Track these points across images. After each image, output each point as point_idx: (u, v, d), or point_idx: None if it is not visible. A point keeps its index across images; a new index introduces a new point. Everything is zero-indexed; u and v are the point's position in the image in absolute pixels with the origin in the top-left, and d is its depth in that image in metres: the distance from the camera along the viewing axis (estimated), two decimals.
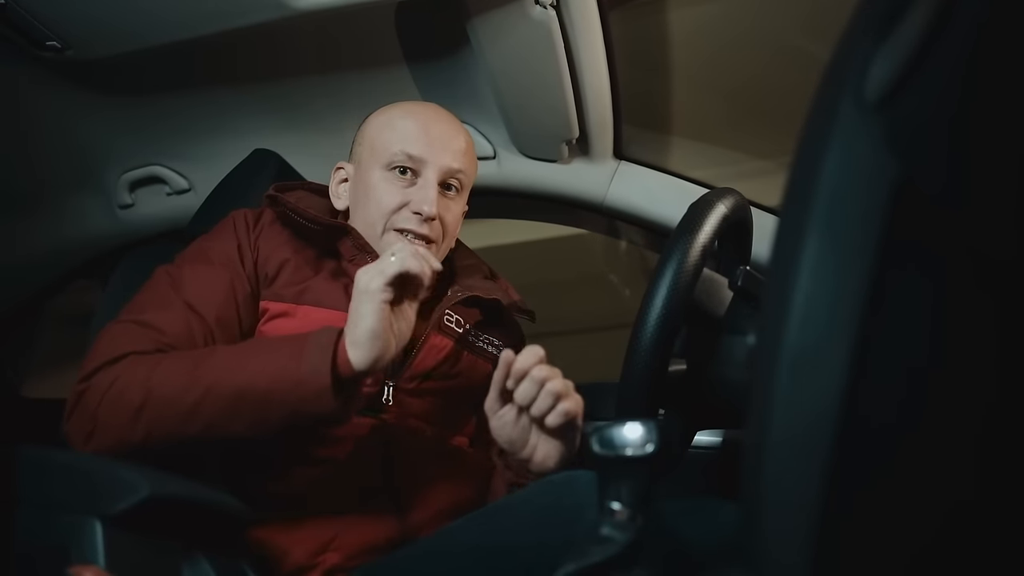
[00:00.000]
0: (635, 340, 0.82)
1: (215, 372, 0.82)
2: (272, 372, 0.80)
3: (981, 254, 0.38)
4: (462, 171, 1.01)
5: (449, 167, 0.99)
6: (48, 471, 0.77)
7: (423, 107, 1.06)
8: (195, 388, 0.81)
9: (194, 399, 0.80)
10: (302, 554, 0.89)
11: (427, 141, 0.99)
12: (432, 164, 0.98)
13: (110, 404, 0.82)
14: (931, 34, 0.36)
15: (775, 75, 1.45)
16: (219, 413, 0.81)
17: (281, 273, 0.98)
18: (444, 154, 0.99)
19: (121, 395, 0.82)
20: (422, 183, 0.98)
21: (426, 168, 0.98)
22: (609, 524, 0.52)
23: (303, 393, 0.79)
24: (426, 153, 0.98)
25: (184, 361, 0.84)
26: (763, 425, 0.38)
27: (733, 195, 0.94)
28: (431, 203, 0.96)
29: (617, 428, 0.53)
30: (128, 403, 0.81)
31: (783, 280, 0.38)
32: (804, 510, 0.37)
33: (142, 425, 0.81)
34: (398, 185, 0.99)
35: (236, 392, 0.80)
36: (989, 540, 0.39)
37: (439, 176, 0.98)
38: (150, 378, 0.82)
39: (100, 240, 1.69)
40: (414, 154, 0.98)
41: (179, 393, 0.81)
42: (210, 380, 0.81)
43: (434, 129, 1.00)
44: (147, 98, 1.44)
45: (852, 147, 0.37)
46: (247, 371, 0.81)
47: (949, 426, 0.38)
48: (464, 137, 1.04)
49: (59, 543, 0.71)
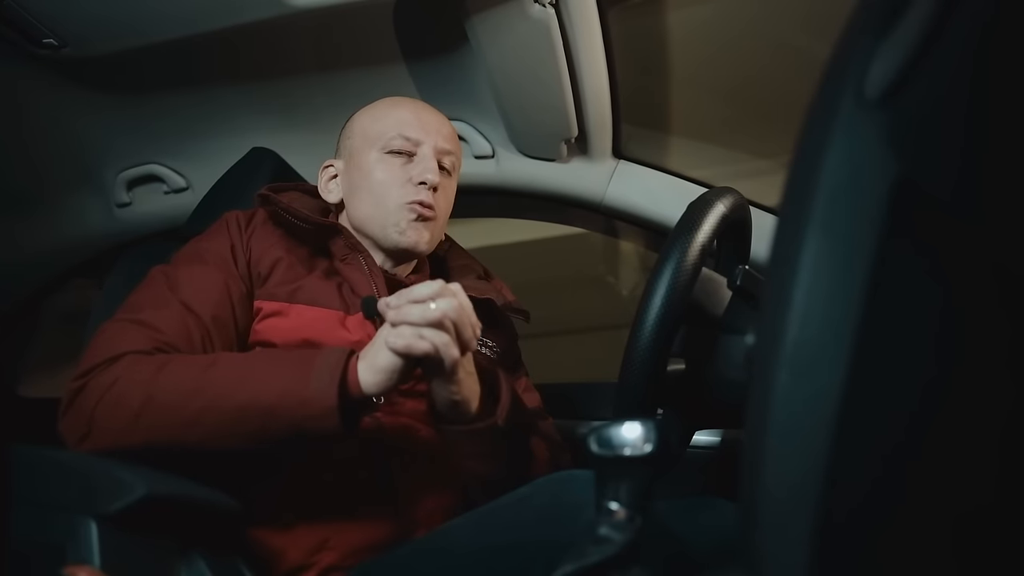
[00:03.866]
0: (633, 339, 0.81)
1: (220, 383, 0.80)
2: (278, 387, 0.79)
3: (987, 253, 0.38)
4: (452, 153, 1.06)
5: (443, 147, 1.04)
6: (44, 470, 0.77)
7: (409, 99, 1.10)
8: (198, 397, 0.79)
9: (197, 408, 0.79)
10: (298, 553, 0.89)
11: (420, 124, 1.04)
12: (427, 142, 1.03)
13: (109, 406, 0.81)
14: (932, 31, 0.36)
15: (774, 74, 1.45)
16: (221, 424, 0.80)
17: (274, 272, 0.98)
18: (437, 135, 1.04)
19: (121, 398, 0.80)
20: (420, 157, 1.02)
21: (422, 146, 1.03)
22: (607, 524, 0.52)
23: (308, 411, 0.78)
24: (421, 134, 1.03)
25: (188, 368, 0.82)
26: (761, 423, 0.38)
27: (732, 194, 0.94)
28: (434, 171, 1.01)
29: (615, 428, 0.52)
30: (127, 407, 0.80)
31: (782, 277, 0.37)
32: (803, 509, 0.36)
33: (141, 430, 0.80)
34: (396, 164, 1.02)
35: (240, 405, 0.79)
36: (992, 541, 0.39)
37: (435, 154, 1.03)
38: (152, 383, 0.81)
39: (97, 239, 1.69)
40: (410, 136, 1.02)
41: (182, 401, 0.79)
42: (214, 390, 0.80)
43: (424, 115, 1.05)
44: (145, 96, 1.44)
45: (852, 144, 0.36)
46: (253, 384, 0.80)
47: (952, 426, 0.38)
48: (450, 125, 1.09)
49: (55, 542, 0.70)
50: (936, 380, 0.38)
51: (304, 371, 0.79)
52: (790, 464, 0.37)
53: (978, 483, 0.39)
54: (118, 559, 0.70)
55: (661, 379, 0.83)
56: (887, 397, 0.37)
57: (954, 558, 0.39)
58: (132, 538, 0.72)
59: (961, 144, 0.37)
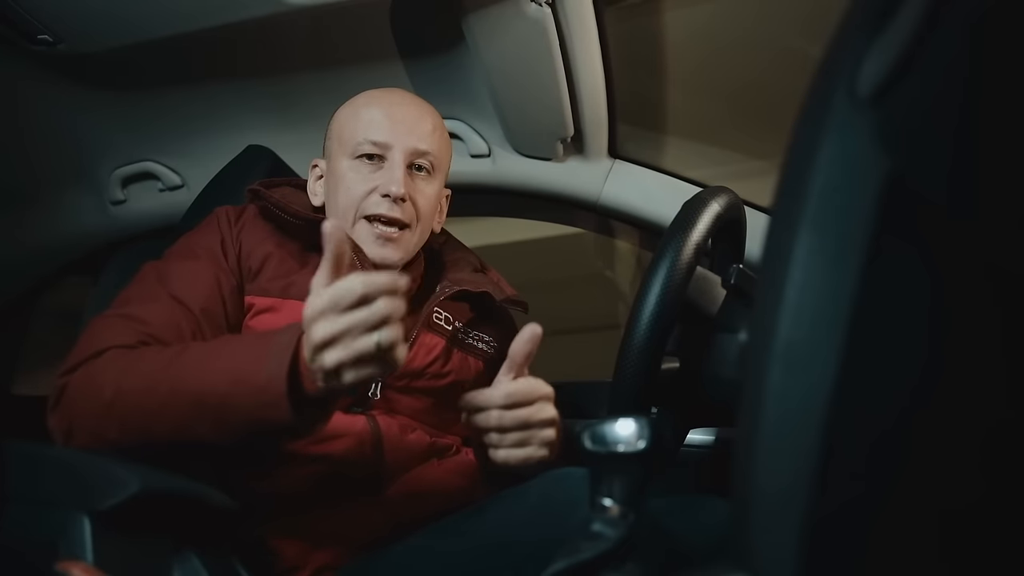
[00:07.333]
0: (628, 338, 0.82)
1: (181, 371, 0.77)
2: (232, 374, 0.74)
3: (979, 250, 0.38)
4: (430, 152, 1.00)
5: (415, 148, 0.99)
6: (37, 466, 0.76)
7: (387, 93, 1.05)
8: (160, 387, 0.76)
9: (161, 397, 0.76)
10: (292, 551, 0.89)
11: (390, 126, 0.98)
12: (397, 147, 0.98)
13: (84, 399, 0.80)
14: (924, 30, 0.36)
15: (770, 75, 1.45)
16: (182, 415, 0.76)
17: (265, 268, 0.98)
18: (409, 137, 0.98)
19: (94, 390, 0.79)
20: (388, 166, 0.98)
21: (391, 151, 0.98)
22: (601, 521, 0.52)
23: (262, 400, 0.72)
24: (390, 137, 0.98)
25: (158, 357, 0.80)
26: (754, 419, 0.38)
27: (727, 193, 0.94)
28: (398, 183, 0.96)
29: (609, 424, 0.52)
30: (99, 398, 0.78)
31: (775, 274, 0.38)
32: (794, 505, 0.37)
33: (114, 421, 0.78)
34: (365, 172, 0.98)
35: (197, 393, 0.75)
36: (981, 538, 0.39)
37: (406, 158, 0.98)
38: (123, 373, 0.79)
39: (92, 236, 1.68)
40: (378, 140, 0.98)
41: (146, 391, 0.77)
42: (174, 380, 0.76)
43: (397, 113, 1.00)
44: (140, 93, 1.43)
45: (845, 142, 0.37)
46: (210, 371, 0.76)
47: (943, 422, 0.38)
48: (431, 119, 1.03)
49: (48, 538, 0.70)
50: (928, 377, 0.38)
51: (259, 355, 0.73)
52: (782, 461, 0.37)
53: (968, 480, 0.39)
54: (111, 555, 0.70)
55: (655, 377, 0.83)
56: (879, 394, 0.38)
57: (944, 554, 0.39)
58: (126, 534, 0.72)
59: (953, 142, 0.37)
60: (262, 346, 0.75)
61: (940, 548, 0.39)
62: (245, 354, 0.76)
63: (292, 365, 0.71)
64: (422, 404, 1.00)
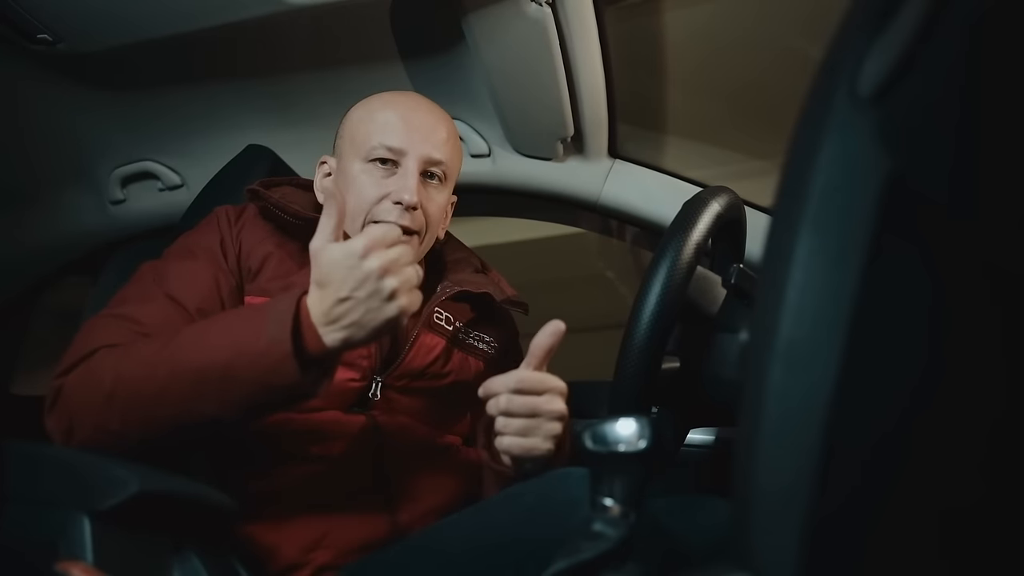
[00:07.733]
0: (629, 338, 0.82)
1: (178, 350, 0.78)
2: (232, 345, 0.76)
3: (979, 250, 0.38)
4: (443, 161, 0.99)
5: (430, 156, 0.98)
6: (37, 466, 0.76)
7: (403, 97, 1.04)
8: (159, 371, 0.77)
9: (161, 380, 0.77)
10: (292, 551, 0.89)
11: (406, 131, 0.97)
12: (412, 154, 0.97)
13: (83, 394, 0.79)
14: (924, 30, 0.36)
15: (770, 75, 1.45)
16: (185, 393, 0.77)
17: (264, 267, 0.97)
18: (424, 144, 0.97)
19: (92, 384, 0.79)
20: (402, 172, 0.96)
21: (406, 158, 0.97)
22: (601, 520, 0.52)
23: (266, 365, 0.74)
24: (405, 144, 0.97)
25: (153, 343, 0.81)
26: (754, 419, 0.38)
27: (727, 193, 0.94)
28: (412, 191, 0.95)
29: (610, 424, 0.52)
30: (98, 390, 0.78)
31: (776, 274, 0.38)
32: (794, 505, 0.37)
33: (116, 411, 0.78)
34: (378, 176, 0.97)
35: (198, 369, 0.76)
36: (981, 538, 0.39)
37: (420, 166, 0.97)
38: (120, 362, 0.79)
39: (91, 236, 1.68)
40: (393, 145, 0.96)
41: (146, 377, 0.77)
42: (173, 361, 0.77)
43: (414, 119, 0.99)
44: (140, 93, 1.43)
45: (846, 142, 0.37)
46: (208, 346, 0.77)
47: (944, 422, 0.38)
48: (446, 127, 1.02)
49: (48, 538, 0.70)
50: (928, 377, 0.38)
51: (257, 323, 0.76)
52: (783, 461, 0.37)
53: (968, 480, 0.39)
54: (111, 555, 0.70)
55: (656, 377, 0.83)
56: (879, 394, 0.38)
57: (944, 554, 0.39)
58: (125, 534, 0.72)
59: (953, 142, 0.37)
60: (258, 315, 0.77)
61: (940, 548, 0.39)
62: (242, 325, 0.78)
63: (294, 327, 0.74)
64: (422, 404, 1.00)
